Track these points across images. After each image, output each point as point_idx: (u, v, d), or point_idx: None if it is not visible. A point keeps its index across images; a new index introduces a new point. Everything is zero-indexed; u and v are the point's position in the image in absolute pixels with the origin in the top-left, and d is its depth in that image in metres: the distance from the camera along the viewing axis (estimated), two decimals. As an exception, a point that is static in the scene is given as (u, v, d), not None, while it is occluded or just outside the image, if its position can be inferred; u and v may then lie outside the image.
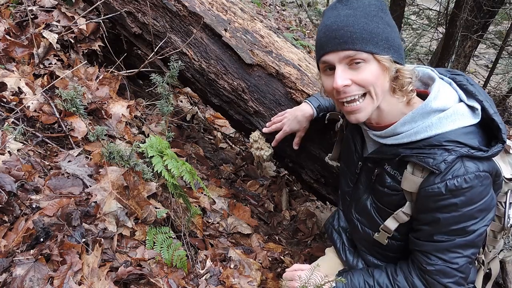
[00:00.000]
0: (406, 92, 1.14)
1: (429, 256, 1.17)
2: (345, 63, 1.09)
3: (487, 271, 1.34)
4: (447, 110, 1.11)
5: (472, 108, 1.12)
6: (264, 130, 1.87)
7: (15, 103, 1.75)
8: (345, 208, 1.53)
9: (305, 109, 1.70)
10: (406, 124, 1.15)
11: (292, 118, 1.74)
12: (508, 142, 1.24)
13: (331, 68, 1.13)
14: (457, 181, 1.06)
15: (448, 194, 1.08)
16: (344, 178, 1.50)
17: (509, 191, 1.20)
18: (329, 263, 1.57)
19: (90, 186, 1.53)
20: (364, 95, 1.13)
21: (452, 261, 1.14)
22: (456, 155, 1.07)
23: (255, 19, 2.17)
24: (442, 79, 1.20)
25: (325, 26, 1.11)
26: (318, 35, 1.15)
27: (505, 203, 1.21)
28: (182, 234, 1.70)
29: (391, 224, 1.27)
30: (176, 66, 1.88)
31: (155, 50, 2.12)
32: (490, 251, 1.29)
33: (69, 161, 1.62)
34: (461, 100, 1.14)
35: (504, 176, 1.19)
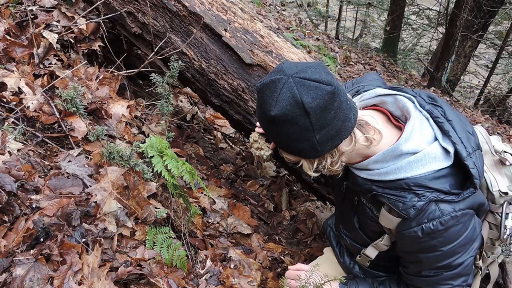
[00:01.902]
0: (365, 140, 1.14)
1: None
2: None
3: (487, 272, 1.34)
4: (418, 154, 1.08)
5: (446, 149, 1.09)
6: (257, 129, 1.86)
7: (15, 103, 1.75)
8: (336, 220, 1.55)
9: None
10: (378, 162, 1.14)
11: None
12: (508, 150, 1.23)
13: None
14: (433, 224, 1.05)
15: (426, 237, 1.08)
16: (334, 192, 1.52)
17: (505, 202, 1.18)
18: (328, 263, 1.58)
19: (90, 186, 1.53)
20: None
21: None
22: (425, 200, 1.05)
23: (255, 19, 2.17)
24: (421, 111, 1.16)
25: None
26: None
27: (501, 213, 1.19)
28: (182, 234, 1.70)
29: (371, 252, 1.29)
30: (176, 66, 1.88)
31: (155, 50, 2.12)
32: (489, 257, 1.29)
33: (69, 161, 1.62)
34: (437, 138, 1.11)
35: (499, 190, 1.17)
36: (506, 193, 1.17)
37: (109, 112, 2.03)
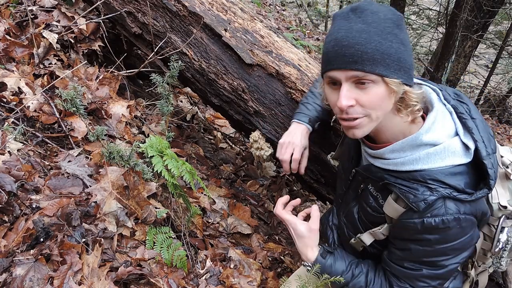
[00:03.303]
0: (411, 112, 1.08)
1: (400, 279, 1.19)
2: (352, 82, 1.02)
3: (476, 280, 1.33)
4: (438, 146, 1.06)
5: (466, 146, 1.07)
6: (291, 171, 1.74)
7: (15, 103, 1.75)
8: (337, 209, 1.54)
9: (301, 129, 1.63)
10: (395, 152, 1.11)
11: (298, 144, 1.63)
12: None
13: (336, 83, 1.07)
14: (435, 220, 1.04)
15: (424, 231, 1.07)
16: (339, 180, 1.50)
17: (503, 216, 1.17)
18: None
19: (90, 186, 1.53)
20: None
21: None
22: (437, 196, 1.04)
23: (255, 19, 2.17)
24: (445, 105, 1.14)
25: (334, 39, 1.02)
26: (326, 47, 1.06)
27: (497, 226, 1.18)
28: (182, 234, 1.70)
29: (366, 239, 1.28)
30: (176, 66, 1.88)
31: (155, 50, 2.12)
32: (480, 266, 1.29)
33: (69, 161, 1.62)
34: (457, 133, 1.09)
35: (499, 203, 1.16)
36: (505, 207, 1.15)
37: (109, 112, 2.03)
